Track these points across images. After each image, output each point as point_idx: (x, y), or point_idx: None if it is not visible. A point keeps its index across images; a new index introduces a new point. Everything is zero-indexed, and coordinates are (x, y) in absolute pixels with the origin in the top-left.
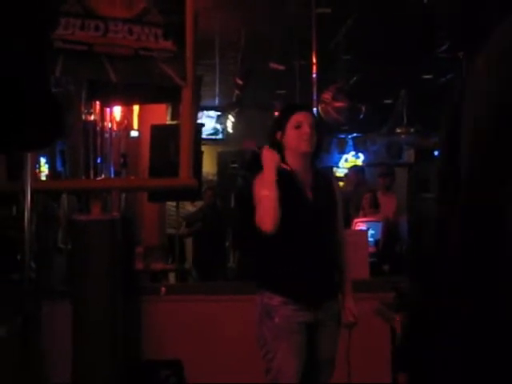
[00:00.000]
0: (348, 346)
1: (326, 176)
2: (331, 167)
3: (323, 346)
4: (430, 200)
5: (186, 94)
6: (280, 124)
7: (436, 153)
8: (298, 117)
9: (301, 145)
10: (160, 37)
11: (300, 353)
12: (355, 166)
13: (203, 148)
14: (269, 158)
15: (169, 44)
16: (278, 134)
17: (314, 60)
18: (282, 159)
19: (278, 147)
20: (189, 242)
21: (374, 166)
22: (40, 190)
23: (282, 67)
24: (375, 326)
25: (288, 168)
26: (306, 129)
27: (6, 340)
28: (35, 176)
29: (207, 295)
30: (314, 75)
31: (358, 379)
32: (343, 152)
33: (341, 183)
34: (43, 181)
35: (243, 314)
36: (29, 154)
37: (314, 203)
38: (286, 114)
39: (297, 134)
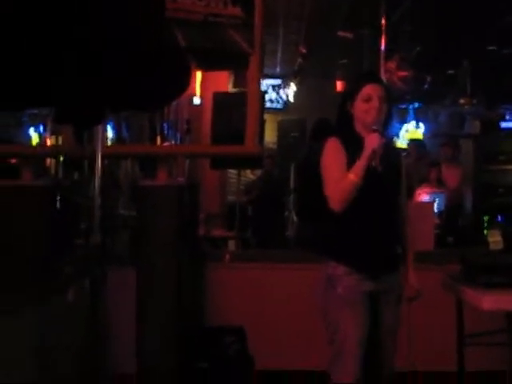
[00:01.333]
0: (408, 319)
1: (394, 148)
2: (391, 137)
3: (386, 315)
4: (497, 171)
5: (254, 61)
6: (350, 95)
7: (502, 124)
8: (368, 89)
9: (369, 119)
10: (229, 3)
11: (363, 323)
12: (415, 140)
13: (264, 116)
14: (372, 143)
15: (237, 10)
16: (348, 105)
17: (382, 28)
18: (352, 129)
19: (347, 117)
20: (250, 210)
21: (436, 136)
22: (108, 155)
23: (350, 35)
24: (440, 297)
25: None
26: (375, 103)
27: (75, 305)
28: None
29: (270, 263)
30: (383, 45)
31: (421, 353)
32: (404, 122)
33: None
34: (112, 146)
35: (306, 282)
36: None
37: (382, 174)
38: (357, 85)
39: (366, 107)
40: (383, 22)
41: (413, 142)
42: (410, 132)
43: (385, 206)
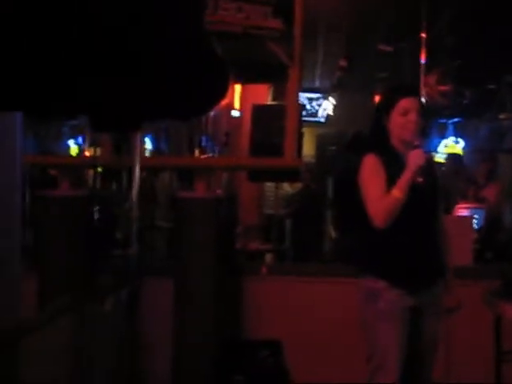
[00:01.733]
0: (448, 333)
1: (429, 161)
2: (430, 152)
3: (425, 329)
4: None
5: (294, 74)
6: (386, 108)
7: None
8: (405, 102)
9: (406, 134)
10: (269, 15)
11: (403, 339)
12: (452, 154)
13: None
14: (416, 159)
15: (278, 23)
16: (383, 118)
17: (422, 42)
18: (388, 144)
19: (383, 131)
20: (288, 223)
21: (475, 152)
22: (147, 166)
23: (390, 48)
24: (479, 313)
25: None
26: (413, 116)
27: (111, 315)
28: (141, 152)
29: (307, 276)
30: (423, 59)
31: (458, 367)
32: (443, 137)
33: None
34: (150, 157)
35: (344, 296)
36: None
37: (423, 189)
38: (393, 99)
39: (403, 121)
40: (423, 35)
41: (450, 156)
42: (449, 147)
43: (425, 220)
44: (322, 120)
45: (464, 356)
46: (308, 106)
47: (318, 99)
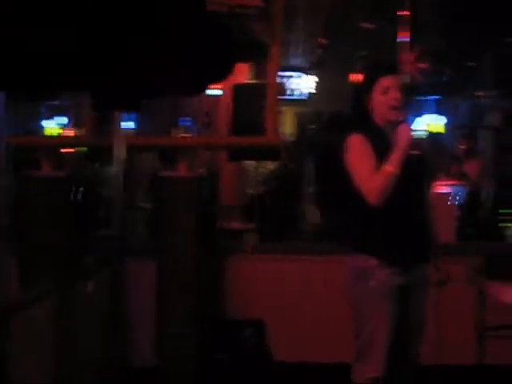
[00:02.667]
0: (438, 307)
1: (416, 142)
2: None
3: (414, 308)
4: None
5: (274, 52)
6: (366, 87)
7: None
8: (385, 81)
9: (389, 114)
10: None
11: (393, 317)
12: (432, 134)
13: (283, 108)
14: (405, 135)
15: (259, 1)
16: (365, 98)
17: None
18: (371, 122)
19: (365, 110)
20: (267, 202)
21: (457, 128)
22: (129, 146)
23: (371, 26)
24: (462, 290)
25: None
26: (393, 94)
27: (95, 295)
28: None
29: (291, 255)
30: (403, 37)
31: (444, 343)
32: (422, 113)
33: None
34: (133, 137)
35: (328, 274)
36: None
37: (409, 166)
38: (373, 78)
39: (384, 99)
40: (404, 13)
41: (430, 135)
42: (430, 124)
43: (414, 196)
44: (302, 98)
45: (448, 334)
46: (289, 84)
47: (299, 77)
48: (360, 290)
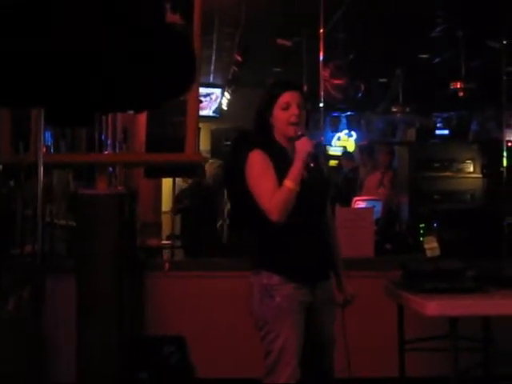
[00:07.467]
0: (344, 326)
1: (317, 157)
2: (324, 145)
3: (323, 326)
4: (431, 178)
5: None
6: (268, 104)
7: (437, 132)
8: (285, 97)
9: (288, 129)
10: (168, 10)
11: (301, 333)
12: (347, 152)
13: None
14: (304, 145)
15: (177, 18)
16: (267, 114)
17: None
18: (272, 139)
19: (267, 126)
20: (181, 219)
21: (375, 144)
22: (48, 163)
23: (288, 43)
24: (381, 304)
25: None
26: (294, 110)
27: (14, 314)
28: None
29: (208, 271)
30: (321, 55)
31: (361, 360)
32: (336, 130)
33: (333, 162)
34: (51, 154)
35: (245, 290)
36: (40, 126)
37: (309, 183)
38: (273, 94)
39: (285, 115)
40: (320, 30)
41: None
42: (342, 140)
43: (314, 214)
44: (217, 115)
45: (368, 348)
46: (204, 101)
47: (212, 94)
48: (266, 307)
